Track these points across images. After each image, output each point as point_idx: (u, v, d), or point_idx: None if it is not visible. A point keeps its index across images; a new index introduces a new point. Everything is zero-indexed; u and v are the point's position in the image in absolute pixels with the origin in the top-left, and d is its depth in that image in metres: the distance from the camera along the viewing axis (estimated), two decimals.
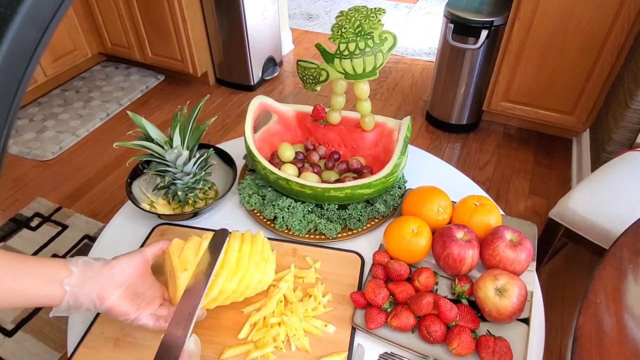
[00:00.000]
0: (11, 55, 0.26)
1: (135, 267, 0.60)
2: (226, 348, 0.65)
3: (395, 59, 2.93)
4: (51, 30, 0.28)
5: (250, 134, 0.88)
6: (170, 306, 0.62)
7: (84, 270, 0.55)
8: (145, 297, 0.60)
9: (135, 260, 0.60)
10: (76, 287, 0.53)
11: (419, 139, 2.27)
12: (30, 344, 1.44)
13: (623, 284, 0.71)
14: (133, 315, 0.58)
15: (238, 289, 0.64)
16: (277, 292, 0.70)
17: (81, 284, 0.54)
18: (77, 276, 0.54)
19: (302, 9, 3.63)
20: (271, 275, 0.68)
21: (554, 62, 1.89)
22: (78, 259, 0.56)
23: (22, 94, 0.29)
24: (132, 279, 0.59)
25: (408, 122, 0.85)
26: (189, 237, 0.67)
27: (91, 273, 0.55)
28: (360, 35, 0.78)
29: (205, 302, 0.63)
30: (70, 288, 0.53)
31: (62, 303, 0.53)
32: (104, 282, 0.56)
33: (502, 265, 0.68)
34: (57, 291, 0.53)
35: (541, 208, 1.87)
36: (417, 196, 0.79)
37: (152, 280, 0.63)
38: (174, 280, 0.61)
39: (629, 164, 1.30)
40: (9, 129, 0.30)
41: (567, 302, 1.52)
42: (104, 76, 2.80)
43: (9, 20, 0.25)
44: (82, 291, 0.54)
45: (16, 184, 2.07)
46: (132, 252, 0.61)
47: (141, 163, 0.90)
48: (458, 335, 0.61)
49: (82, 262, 0.56)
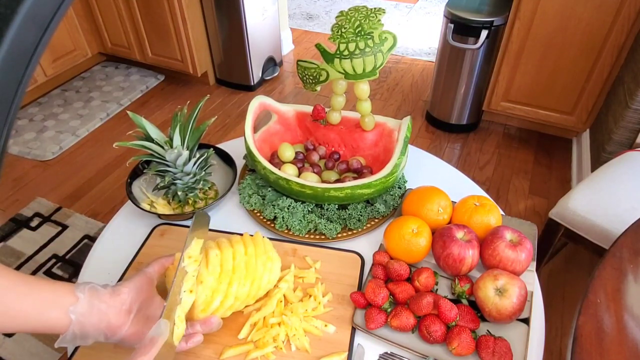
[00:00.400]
0: (11, 55, 0.26)
1: (141, 291, 0.58)
2: (226, 348, 0.65)
3: (395, 59, 2.93)
4: (51, 30, 0.28)
5: (250, 134, 0.88)
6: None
7: (91, 298, 0.52)
8: (156, 319, 0.57)
9: (141, 282, 0.58)
10: (82, 315, 0.50)
11: (419, 139, 2.27)
12: (30, 344, 1.44)
13: (623, 284, 0.71)
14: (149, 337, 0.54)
15: (250, 292, 0.64)
16: (277, 292, 0.70)
17: (88, 312, 0.51)
18: (84, 304, 0.51)
19: (302, 9, 3.63)
20: (277, 273, 0.69)
21: (554, 62, 1.89)
22: (85, 285, 0.53)
23: (22, 94, 0.29)
24: (140, 303, 0.57)
25: (408, 122, 0.85)
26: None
27: (98, 302, 0.52)
28: (360, 35, 0.78)
29: (222, 311, 0.62)
30: (76, 317, 0.50)
31: (68, 332, 0.50)
32: (113, 313, 0.53)
33: (502, 265, 0.68)
34: (62, 318, 0.50)
35: (541, 208, 1.87)
36: (417, 196, 0.79)
37: (159, 300, 0.61)
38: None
39: (629, 164, 1.30)
40: (9, 129, 0.30)
41: (567, 302, 1.52)
42: (104, 76, 2.80)
43: (9, 20, 0.25)
44: (90, 321, 0.51)
45: (16, 184, 2.07)
46: (135, 275, 0.59)
47: (141, 163, 0.90)
48: (458, 335, 0.61)
49: (90, 289, 0.53)
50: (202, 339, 0.60)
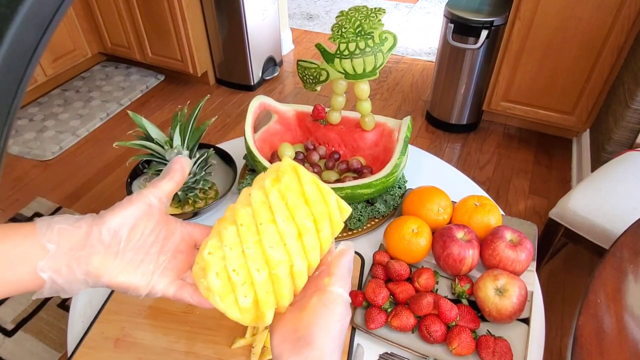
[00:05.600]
0: (11, 55, 0.26)
1: (137, 218, 0.42)
2: (237, 338, 0.65)
3: (395, 59, 2.93)
4: (51, 31, 0.28)
5: (250, 134, 0.88)
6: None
7: (63, 243, 0.38)
8: (160, 257, 0.43)
9: (136, 208, 0.42)
10: (57, 272, 0.38)
11: (419, 139, 2.27)
12: (30, 344, 1.44)
13: (623, 284, 0.71)
14: (144, 290, 0.41)
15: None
16: None
17: (63, 263, 0.38)
18: (55, 256, 0.38)
19: (302, 9, 3.63)
20: (329, 230, 0.43)
21: (554, 62, 1.89)
22: (53, 227, 0.38)
23: (22, 94, 0.29)
24: (134, 237, 0.41)
25: (408, 122, 0.85)
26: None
27: (74, 243, 0.39)
28: (361, 35, 0.78)
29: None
30: (49, 274, 0.37)
31: (44, 289, 0.38)
32: (94, 252, 0.39)
33: (502, 265, 0.68)
34: (32, 278, 0.37)
35: (541, 208, 1.87)
36: (417, 196, 0.79)
37: (172, 229, 0.44)
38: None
39: (629, 164, 1.30)
40: (9, 129, 0.30)
41: (567, 302, 1.52)
42: (104, 76, 2.80)
43: (9, 20, 0.25)
44: (68, 271, 0.38)
45: (16, 184, 2.07)
46: (127, 198, 0.42)
47: (141, 163, 0.90)
48: (458, 335, 0.61)
49: (58, 231, 0.38)
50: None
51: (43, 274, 0.37)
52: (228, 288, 0.40)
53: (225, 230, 0.40)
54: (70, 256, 0.38)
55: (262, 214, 0.41)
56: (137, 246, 0.42)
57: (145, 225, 0.42)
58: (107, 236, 0.40)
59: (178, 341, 0.66)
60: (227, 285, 0.40)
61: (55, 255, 0.38)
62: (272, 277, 0.40)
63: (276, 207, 0.41)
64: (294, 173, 0.43)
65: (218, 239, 0.41)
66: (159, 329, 0.67)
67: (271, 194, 0.41)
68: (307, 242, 0.41)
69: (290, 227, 0.41)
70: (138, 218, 0.42)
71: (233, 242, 0.40)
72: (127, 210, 0.41)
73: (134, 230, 0.41)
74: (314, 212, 0.42)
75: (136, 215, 0.42)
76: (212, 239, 0.41)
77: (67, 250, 0.38)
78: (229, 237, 0.40)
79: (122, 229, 0.41)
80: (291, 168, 0.43)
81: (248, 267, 0.40)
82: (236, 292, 0.40)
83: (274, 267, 0.40)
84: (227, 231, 0.40)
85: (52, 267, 0.38)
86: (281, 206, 0.41)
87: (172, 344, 0.66)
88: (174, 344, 0.65)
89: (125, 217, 0.41)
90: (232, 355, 0.64)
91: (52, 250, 0.38)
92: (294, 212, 0.41)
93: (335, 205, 0.43)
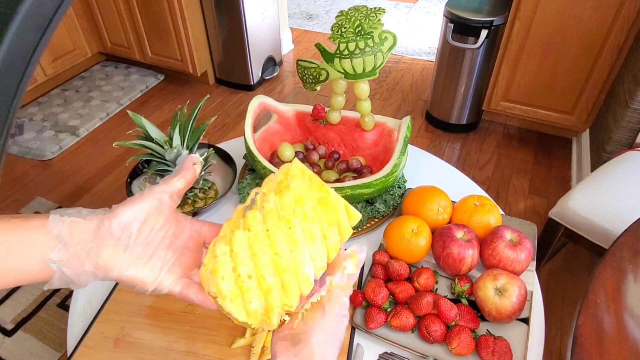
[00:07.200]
0: (11, 56, 0.26)
1: (148, 213, 0.42)
2: (237, 338, 0.65)
3: (395, 59, 2.93)
4: (51, 31, 0.28)
5: (250, 134, 0.88)
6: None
7: (75, 236, 0.39)
8: (168, 254, 0.43)
9: (147, 204, 0.42)
10: (67, 265, 0.39)
11: (419, 139, 2.27)
12: (30, 344, 1.44)
13: (623, 284, 0.71)
14: (151, 286, 0.42)
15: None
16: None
17: (73, 255, 0.39)
18: (65, 248, 0.38)
19: (302, 9, 3.63)
20: (337, 236, 0.45)
21: (554, 62, 1.89)
22: (65, 220, 0.39)
23: (22, 94, 0.29)
24: (144, 232, 0.42)
25: (408, 122, 0.85)
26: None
27: (85, 236, 0.39)
28: (361, 35, 0.78)
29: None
30: (58, 265, 0.38)
31: (54, 280, 0.39)
32: (104, 245, 0.40)
33: (502, 265, 0.68)
34: (43, 268, 0.38)
35: (541, 208, 1.87)
36: (417, 196, 0.79)
37: (181, 227, 0.45)
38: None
39: (629, 164, 1.30)
40: (9, 129, 0.30)
41: (567, 302, 1.52)
42: (104, 76, 2.80)
43: (9, 20, 0.25)
44: (78, 264, 0.39)
45: (16, 184, 2.06)
46: (139, 194, 0.43)
47: (141, 163, 0.90)
48: (458, 335, 0.61)
49: (70, 224, 0.39)
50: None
51: (53, 265, 0.38)
52: (237, 292, 0.40)
53: (235, 236, 0.41)
54: (80, 248, 0.39)
55: (271, 220, 0.41)
56: (147, 241, 0.42)
57: (156, 221, 0.43)
58: (118, 230, 0.40)
59: (178, 341, 0.66)
60: (236, 289, 0.40)
61: (65, 247, 0.38)
62: (280, 283, 0.41)
63: (285, 214, 0.41)
64: (303, 178, 0.43)
65: (227, 243, 0.41)
66: (159, 329, 0.67)
67: (282, 199, 0.42)
68: (314, 249, 0.42)
69: (298, 234, 0.41)
70: (149, 213, 0.42)
71: (242, 247, 0.41)
72: (138, 205, 0.42)
73: (145, 226, 0.42)
74: (323, 219, 0.42)
75: (147, 210, 0.42)
76: (221, 243, 0.41)
77: (77, 243, 0.39)
78: (238, 242, 0.41)
79: (133, 224, 0.41)
80: (301, 173, 0.43)
81: (257, 272, 0.40)
82: (245, 297, 0.40)
83: (282, 274, 0.40)
84: (236, 236, 0.41)
85: (62, 258, 0.38)
86: (290, 213, 0.41)
87: (172, 344, 0.66)
88: (174, 344, 0.65)
89: (136, 211, 0.41)
90: (232, 355, 0.64)
91: (62, 242, 0.38)
92: (303, 219, 0.42)
93: (344, 212, 0.44)
